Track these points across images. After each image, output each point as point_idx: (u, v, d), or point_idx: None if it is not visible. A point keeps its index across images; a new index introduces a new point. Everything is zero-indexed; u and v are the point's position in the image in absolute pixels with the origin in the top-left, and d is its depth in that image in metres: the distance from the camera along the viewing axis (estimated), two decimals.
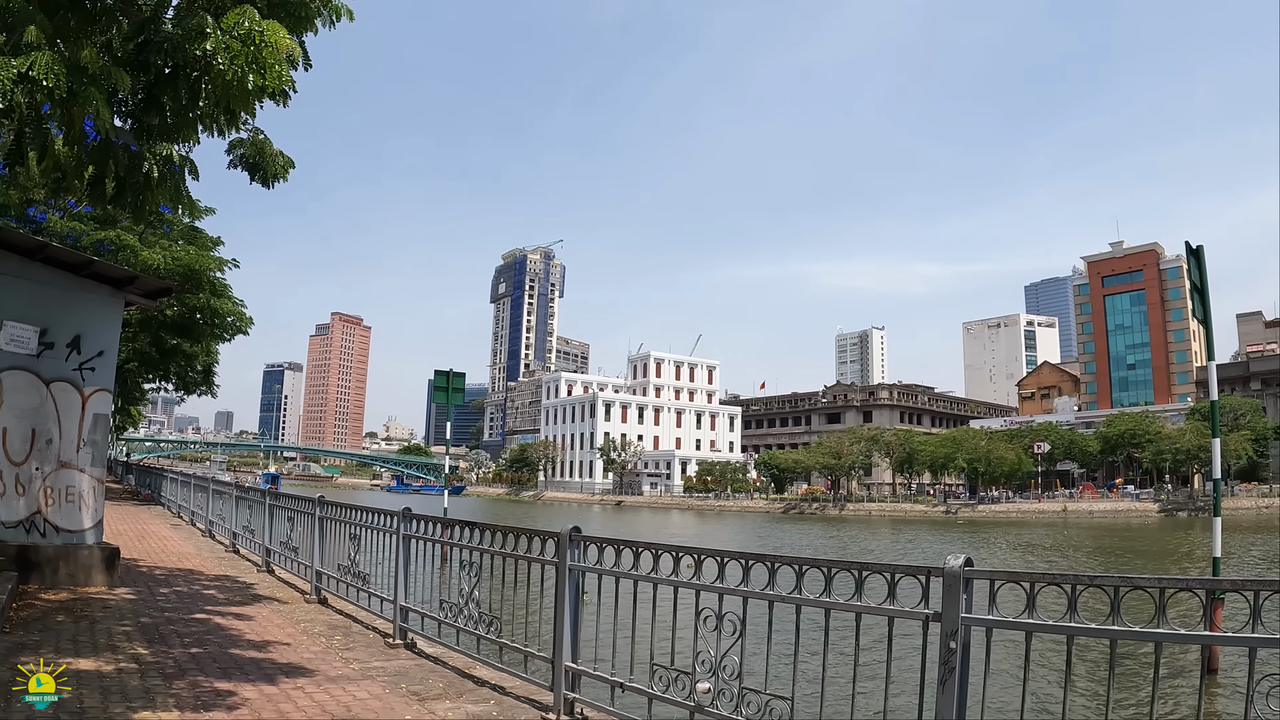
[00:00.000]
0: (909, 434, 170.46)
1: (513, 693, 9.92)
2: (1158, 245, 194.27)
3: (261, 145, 9.61)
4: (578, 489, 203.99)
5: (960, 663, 6.14)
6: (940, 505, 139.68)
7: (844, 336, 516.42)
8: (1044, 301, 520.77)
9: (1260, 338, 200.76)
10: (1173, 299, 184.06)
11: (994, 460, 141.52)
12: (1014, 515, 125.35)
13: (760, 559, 7.61)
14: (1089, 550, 69.06)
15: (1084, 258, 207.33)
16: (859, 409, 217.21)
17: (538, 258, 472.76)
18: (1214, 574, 26.11)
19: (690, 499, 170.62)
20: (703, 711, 7.72)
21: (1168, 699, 19.50)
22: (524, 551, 10.14)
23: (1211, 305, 27.45)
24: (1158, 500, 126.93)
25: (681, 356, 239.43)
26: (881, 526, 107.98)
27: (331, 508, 16.03)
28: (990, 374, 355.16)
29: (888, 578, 6.76)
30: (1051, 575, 6.04)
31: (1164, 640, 5.61)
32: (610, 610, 8.85)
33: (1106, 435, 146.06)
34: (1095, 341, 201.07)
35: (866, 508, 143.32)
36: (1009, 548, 71.17)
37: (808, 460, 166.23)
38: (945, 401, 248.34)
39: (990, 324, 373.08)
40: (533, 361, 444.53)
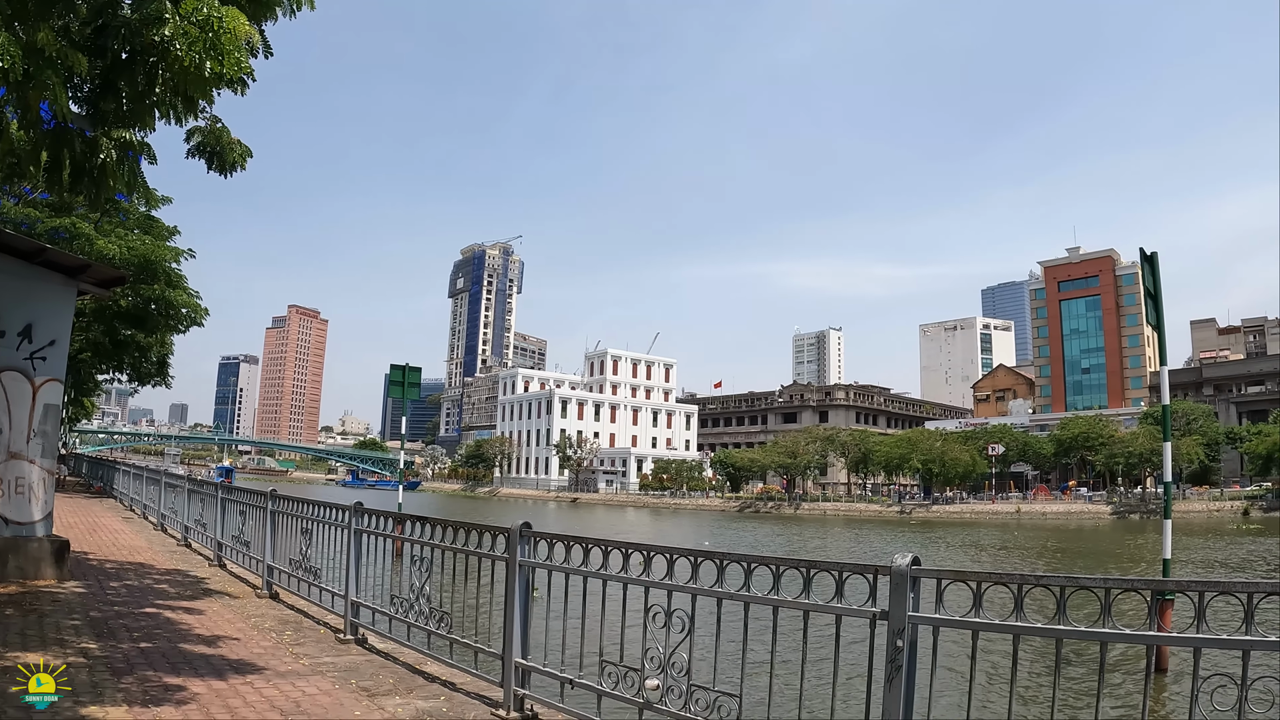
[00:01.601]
0: (864, 434, 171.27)
1: (463, 689, 9.88)
2: (1114, 252, 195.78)
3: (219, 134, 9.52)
4: (534, 486, 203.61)
5: (907, 661, 6.16)
6: (895, 505, 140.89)
7: (801, 337, 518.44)
8: (1000, 305, 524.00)
9: (1213, 344, 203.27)
10: (1128, 305, 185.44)
11: (948, 461, 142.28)
12: (968, 516, 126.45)
13: (709, 556, 7.61)
14: (1041, 551, 69.54)
15: (1041, 262, 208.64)
16: (815, 409, 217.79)
17: (497, 253, 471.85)
18: (1164, 575, 26.47)
19: (646, 497, 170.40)
20: (651, 708, 7.73)
21: (1119, 698, 19.72)
22: (475, 547, 10.08)
23: (1166, 312, 27.70)
24: (1110, 502, 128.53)
25: (639, 354, 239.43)
26: (836, 526, 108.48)
27: (283, 502, 15.90)
28: (946, 376, 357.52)
29: (835, 576, 6.78)
30: (998, 575, 6.10)
31: (1109, 640, 5.68)
32: (561, 606, 8.80)
33: (1060, 438, 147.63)
34: (1051, 345, 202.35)
35: (822, 507, 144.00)
36: (961, 548, 71.57)
37: (764, 459, 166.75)
38: (901, 403, 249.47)
39: (947, 326, 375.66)
40: (490, 357, 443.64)
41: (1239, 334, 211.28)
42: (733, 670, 7.36)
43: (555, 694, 8.79)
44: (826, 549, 72.15)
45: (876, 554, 61.11)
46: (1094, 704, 5.93)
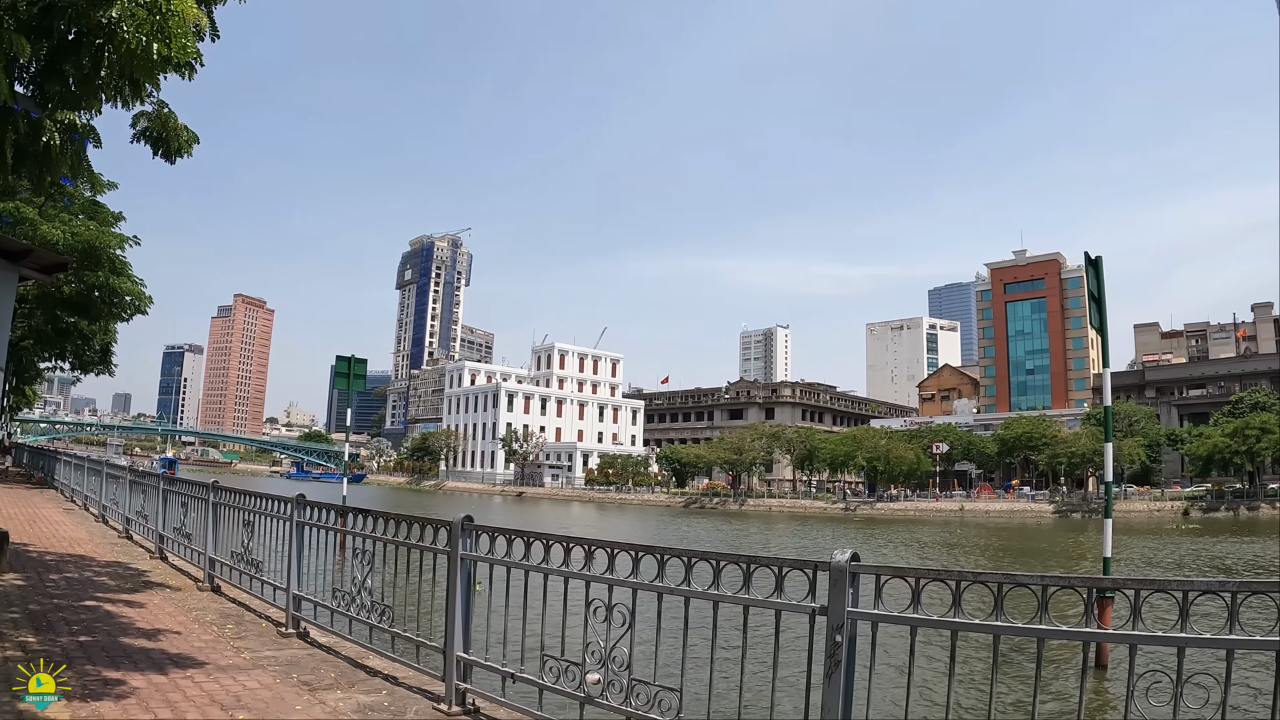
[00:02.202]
0: (810, 431, 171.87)
1: (405, 683, 9.82)
2: (1060, 255, 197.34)
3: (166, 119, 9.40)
4: (479, 479, 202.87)
5: (846, 656, 6.19)
6: (840, 502, 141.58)
7: (748, 334, 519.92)
8: (947, 306, 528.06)
9: (1156, 348, 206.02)
10: (1072, 307, 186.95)
11: (893, 459, 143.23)
12: (912, 513, 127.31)
13: (650, 551, 7.60)
14: (983, 549, 70.04)
15: (987, 264, 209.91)
16: (761, 405, 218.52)
17: (445, 245, 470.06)
18: (1105, 573, 26.89)
19: (591, 491, 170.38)
20: (592, 702, 7.73)
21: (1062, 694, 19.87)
22: (416, 540, 10.00)
23: (1111, 315, 28.04)
24: (1053, 501, 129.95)
25: (585, 349, 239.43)
26: (781, 522, 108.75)
27: (225, 493, 15.73)
28: (892, 375, 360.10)
29: (775, 571, 6.82)
30: (936, 571, 6.18)
31: (1046, 636, 5.75)
32: (504, 600, 8.83)
33: (1004, 437, 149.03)
34: (996, 346, 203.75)
35: (767, 503, 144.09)
36: (905, 545, 71.92)
37: (709, 455, 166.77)
38: (847, 400, 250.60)
39: (893, 326, 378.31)
40: (437, 350, 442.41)
41: (1182, 338, 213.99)
42: (674, 665, 7.32)
43: (498, 688, 8.77)
44: (770, 545, 72.30)
45: (820, 550, 61.35)
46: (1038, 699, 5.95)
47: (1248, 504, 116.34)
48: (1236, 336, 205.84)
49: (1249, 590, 5.28)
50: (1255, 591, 5.29)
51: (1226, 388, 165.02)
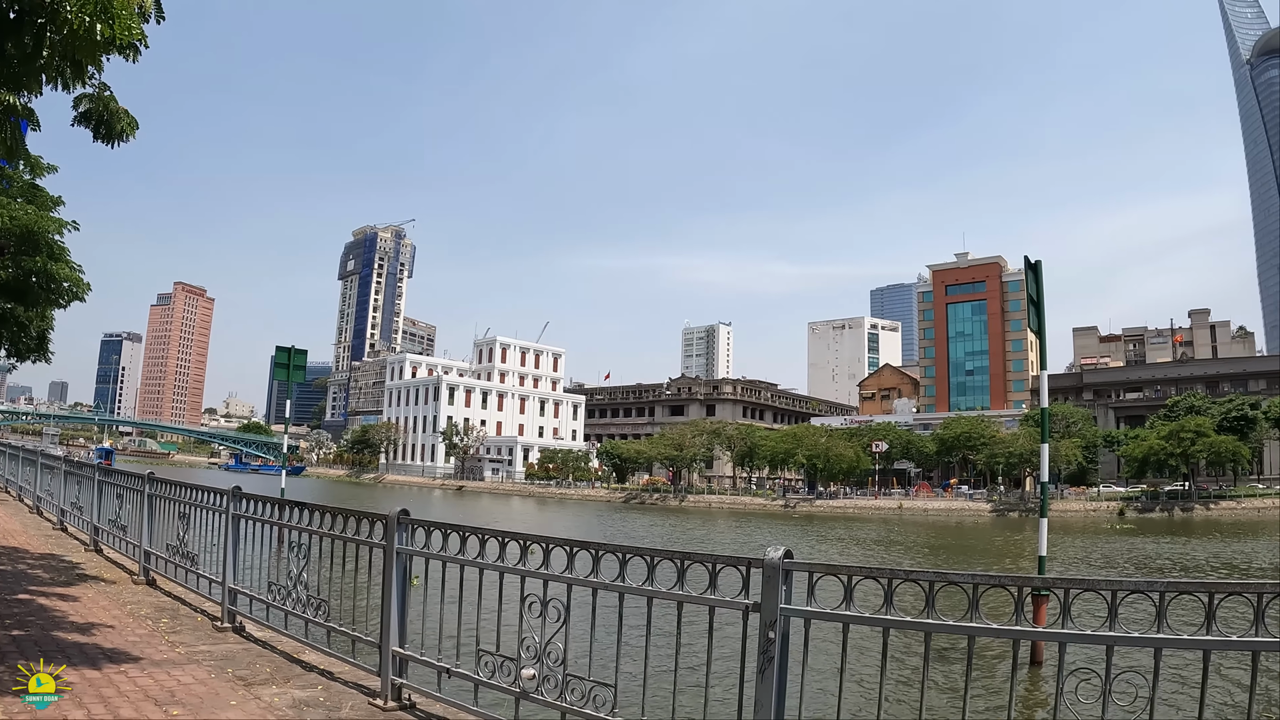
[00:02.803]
0: (751, 428, 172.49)
1: (341, 678, 9.75)
2: (1001, 258, 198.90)
3: (107, 101, 9.29)
4: (419, 472, 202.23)
5: (779, 652, 6.25)
6: (779, 499, 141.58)
7: (691, 330, 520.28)
8: (889, 306, 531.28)
9: (1095, 351, 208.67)
10: (1013, 310, 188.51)
11: (833, 457, 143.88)
12: (851, 511, 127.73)
13: (585, 547, 7.62)
14: (921, 547, 70.51)
15: (930, 266, 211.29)
16: (702, 402, 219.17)
17: (389, 236, 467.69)
18: (1040, 571, 27.19)
19: (532, 486, 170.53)
20: (528, 698, 7.74)
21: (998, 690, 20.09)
22: (353, 534, 9.94)
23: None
24: (990, 500, 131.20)
25: (528, 343, 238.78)
26: (720, 518, 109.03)
27: (161, 485, 15.55)
28: (833, 373, 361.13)
29: (709, 568, 6.88)
30: (869, 569, 6.19)
31: (975, 633, 5.84)
32: (441, 594, 8.75)
33: (943, 437, 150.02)
34: (936, 347, 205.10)
35: (707, 499, 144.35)
36: (843, 542, 72.29)
37: (650, 451, 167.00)
38: (787, 398, 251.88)
39: (835, 325, 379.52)
40: (378, 341, 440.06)
41: (1119, 342, 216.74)
42: (610, 661, 7.34)
43: (433, 683, 8.71)
44: (710, 542, 72.50)
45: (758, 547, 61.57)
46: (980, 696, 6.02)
47: (1182, 505, 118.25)
48: (1173, 341, 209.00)
49: (1177, 590, 5.36)
50: (1183, 591, 5.38)
51: (1163, 391, 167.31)
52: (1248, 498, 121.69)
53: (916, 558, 62.75)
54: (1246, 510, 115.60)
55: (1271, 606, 5.27)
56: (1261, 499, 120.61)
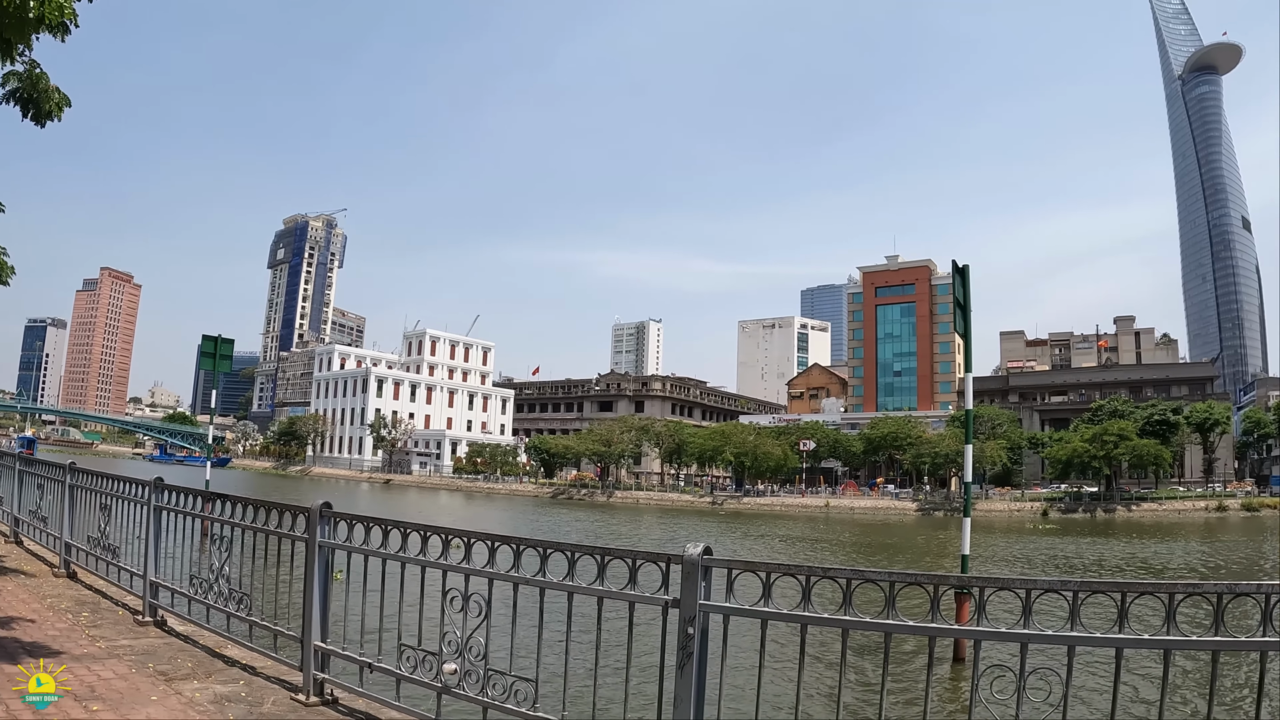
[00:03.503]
0: (679, 425, 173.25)
1: (263, 673, 9.64)
2: (931, 262, 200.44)
3: (37, 80, 9.17)
4: (347, 465, 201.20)
5: (698, 648, 6.29)
6: (707, 496, 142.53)
7: (621, 326, 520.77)
8: (819, 306, 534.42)
9: (1021, 355, 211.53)
10: (941, 313, 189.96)
11: (761, 455, 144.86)
12: (778, 509, 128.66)
13: (506, 541, 7.59)
14: (847, 545, 71.14)
15: (860, 268, 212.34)
16: (631, 398, 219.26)
17: (320, 225, 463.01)
18: (963, 570, 27.57)
19: (459, 480, 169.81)
20: (449, 692, 7.71)
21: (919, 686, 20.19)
22: (275, 526, 9.84)
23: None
24: (916, 500, 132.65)
25: (457, 336, 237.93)
26: (647, 515, 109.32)
27: (83, 475, 15.30)
28: (762, 372, 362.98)
29: (629, 564, 6.90)
30: (786, 566, 6.25)
31: (891, 630, 5.92)
32: (363, 589, 8.68)
33: (870, 436, 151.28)
34: (865, 348, 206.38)
35: (635, 495, 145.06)
36: (771, 540, 72.72)
37: (578, 446, 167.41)
38: (716, 396, 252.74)
39: (765, 324, 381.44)
40: (307, 332, 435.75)
41: (1046, 347, 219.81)
42: (532, 655, 7.35)
43: (355, 679, 8.68)
44: (636, 538, 72.81)
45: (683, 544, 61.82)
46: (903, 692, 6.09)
47: (1104, 506, 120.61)
48: (1099, 347, 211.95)
49: (1090, 590, 5.47)
50: (1096, 591, 5.48)
51: (1087, 395, 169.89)
52: (1169, 500, 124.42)
53: (842, 555, 63.15)
54: (1167, 512, 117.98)
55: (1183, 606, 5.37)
56: (1182, 501, 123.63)
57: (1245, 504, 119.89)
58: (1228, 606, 5.27)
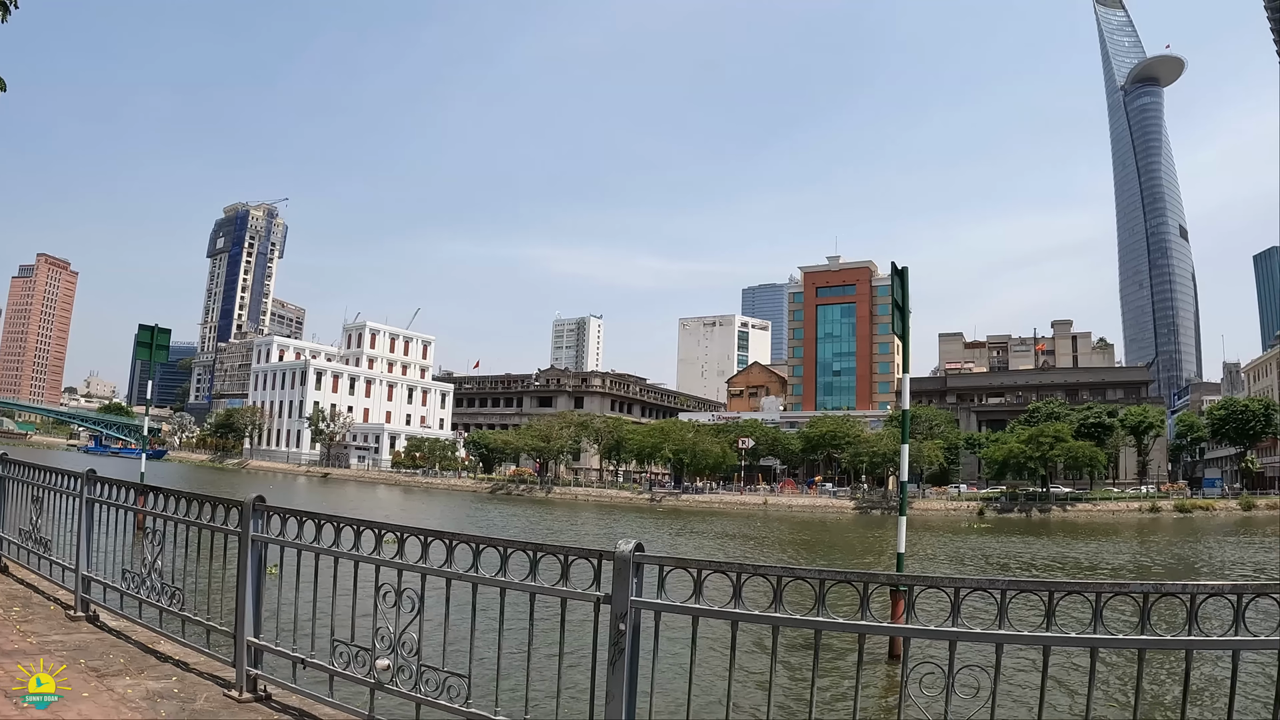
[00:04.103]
0: (619, 422, 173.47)
1: (196, 669, 9.49)
2: (872, 263, 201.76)
3: None
4: (284, 459, 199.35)
5: (630, 644, 6.31)
6: (645, 493, 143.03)
7: (562, 322, 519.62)
8: (760, 305, 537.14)
9: (959, 357, 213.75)
10: (881, 314, 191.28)
11: (700, 452, 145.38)
12: (716, 506, 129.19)
13: (439, 536, 7.56)
14: (784, 543, 71.40)
15: (802, 268, 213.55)
16: (571, 394, 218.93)
17: (261, 214, 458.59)
18: (898, 568, 27.86)
19: (398, 474, 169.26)
20: (382, 688, 7.66)
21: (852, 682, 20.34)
22: (208, 520, 9.71)
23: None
24: (854, 498, 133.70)
25: (398, 329, 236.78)
26: (585, 511, 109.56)
27: (14, 467, 15.11)
28: (702, 370, 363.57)
29: (561, 559, 6.89)
30: (717, 563, 6.27)
31: (821, 627, 5.93)
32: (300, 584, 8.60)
33: (809, 435, 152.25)
34: (805, 347, 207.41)
35: (573, 491, 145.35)
36: (705, 536, 73.08)
37: (518, 442, 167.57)
38: (656, 393, 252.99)
39: (706, 322, 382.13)
40: (246, 323, 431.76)
41: (984, 349, 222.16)
42: (465, 651, 7.32)
43: (289, 674, 8.60)
44: (574, 533, 72.93)
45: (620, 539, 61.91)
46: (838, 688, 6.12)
47: (1039, 506, 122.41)
48: (1036, 350, 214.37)
49: (1018, 589, 5.53)
50: (1024, 590, 5.53)
51: (1024, 397, 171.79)
52: (1103, 500, 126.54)
53: (779, 553, 63.35)
54: (1101, 512, 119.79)
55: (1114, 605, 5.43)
56: (1116, 502, 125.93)
57: (1178, 505, 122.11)
58: (1154, 606, 5.34)
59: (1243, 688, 5.57)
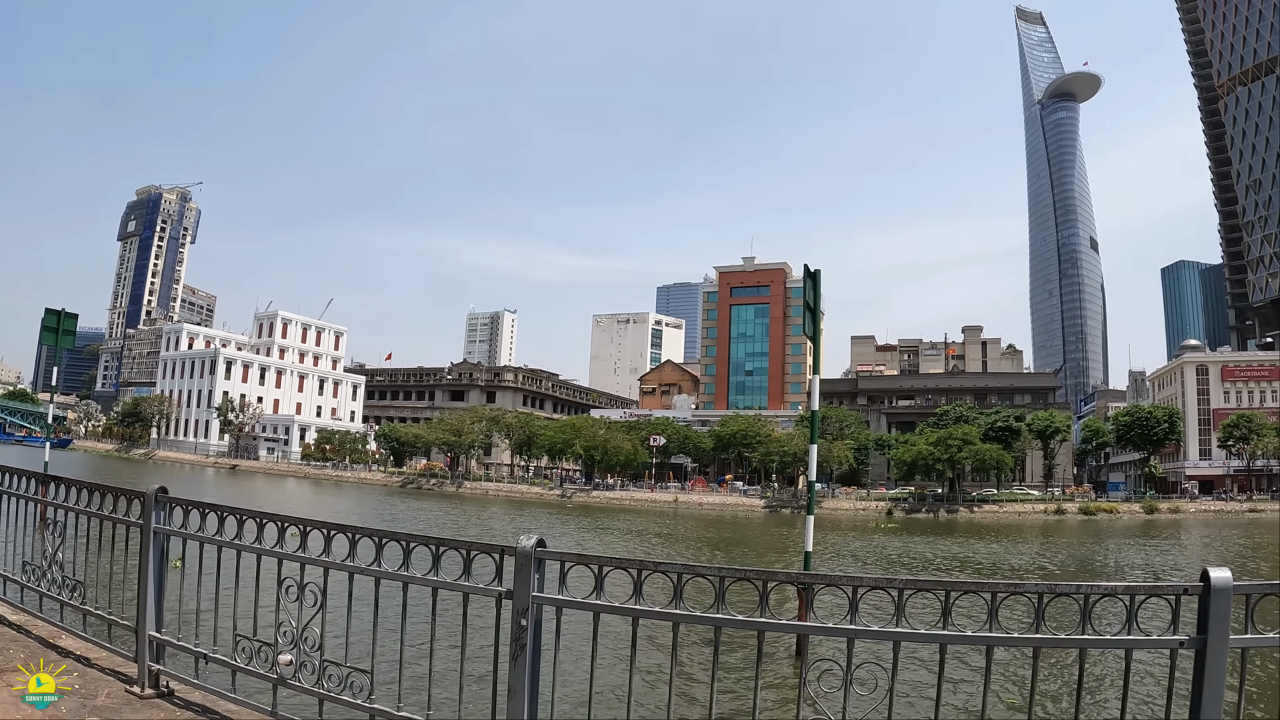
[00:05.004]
0: (530, 417, 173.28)
1: (98, 664, 9.30)
2: (786, 265, 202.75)
3: None
4: (192, 449, 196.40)
5: (532, 639, 6.32)
6: (556, 489, 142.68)
7: (475, 316, 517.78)
8: (674, 304, 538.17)
9: (871, 359, 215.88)
10: (795, 315, 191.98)
11: (611, 449, 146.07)
12: (627, 503, 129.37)
13: (342, 530, 7.52)
14: (694, 540, 71.62)
15: (717, 268, 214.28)
16: (483, 389, 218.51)
17: (174, 198, 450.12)
18: (805, 567, 28.25)
19: (308, 467, 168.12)
20: (285, 684, 7.61)
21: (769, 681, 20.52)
22: (110, 511, 9.53)
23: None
24: (764, 497, 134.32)
25: (310, 319, 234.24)
26: (496, 506, 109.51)
27: None
28: (615, 367, 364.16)
29: (464, 554, 6.89)
30: (618, 559, 6.31)
31: (720, 624, 5.98)
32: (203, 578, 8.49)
33: (720, 434, 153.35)
34: (718, 346, 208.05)
35: (484, 487, 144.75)
36: (610, 533, 73.44)
37: (429, 436, 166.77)
38: (569, 389, 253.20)
39: (620, 319, 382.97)
40: (156, 309, 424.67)
41: (895, 352, 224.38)
42: (368, 646, 7.30)
43: (192, 670, 8.51)
44: (484, 529, 72.95)
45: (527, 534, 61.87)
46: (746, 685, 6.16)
47: (947, 507, 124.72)
48: (946, 354, 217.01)
49: (915, 588, 5.63)
50: (920, 589, 5.64)
51: (933, 400, 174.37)
52: (1009, 502, 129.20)
53: (689, 550, 63.51)
54: (1007, 514, 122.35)
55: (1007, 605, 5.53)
56: (1022, 504, 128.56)
57: (1082, 508, 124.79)
58: (1049, 606, 5.46)
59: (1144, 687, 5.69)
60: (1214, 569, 5.20)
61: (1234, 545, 78.52)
